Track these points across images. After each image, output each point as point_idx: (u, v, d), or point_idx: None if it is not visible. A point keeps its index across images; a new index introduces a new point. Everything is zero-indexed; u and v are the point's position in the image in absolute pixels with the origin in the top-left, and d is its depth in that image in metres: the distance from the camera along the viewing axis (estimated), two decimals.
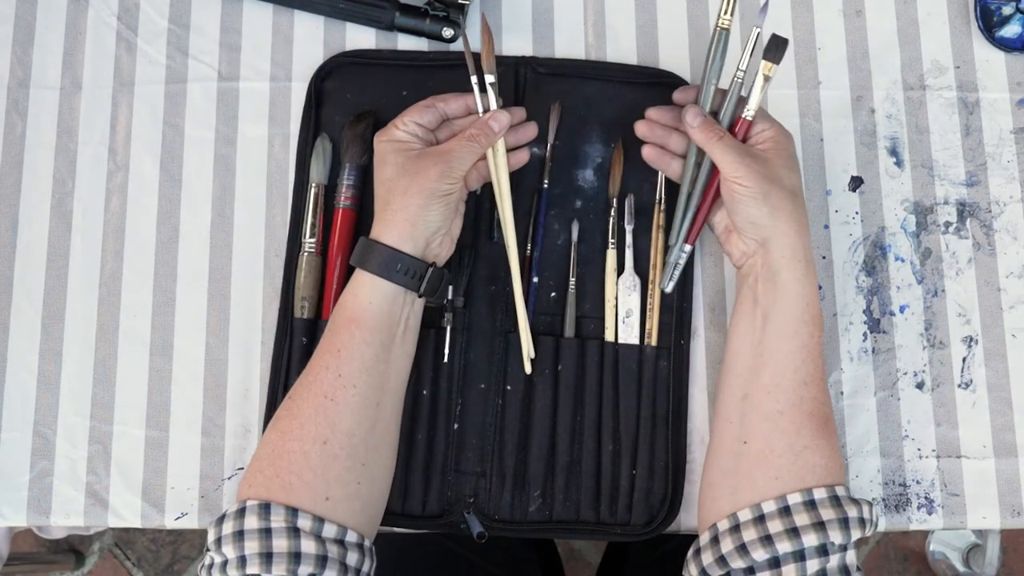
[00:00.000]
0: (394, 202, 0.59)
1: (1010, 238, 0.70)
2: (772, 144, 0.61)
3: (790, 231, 0.59)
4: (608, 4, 0.73)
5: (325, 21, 0.72)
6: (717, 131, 0.61)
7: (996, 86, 0.72)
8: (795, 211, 0.60)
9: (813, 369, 0.58)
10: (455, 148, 0.60)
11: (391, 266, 0.58)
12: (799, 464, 0.56)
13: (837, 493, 0.55)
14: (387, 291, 0.59)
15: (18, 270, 0.69)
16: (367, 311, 0.58)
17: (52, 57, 0.71)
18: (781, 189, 0.59)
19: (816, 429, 0.57)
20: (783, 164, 0.61)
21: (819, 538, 0.53)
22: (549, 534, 0.65)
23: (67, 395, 0.67)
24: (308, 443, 0.56)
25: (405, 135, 0.61)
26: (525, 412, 0.65)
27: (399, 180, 0.59)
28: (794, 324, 0.58)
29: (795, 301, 0.59)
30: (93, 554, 1.40)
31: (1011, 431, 0.67)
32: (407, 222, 0.59)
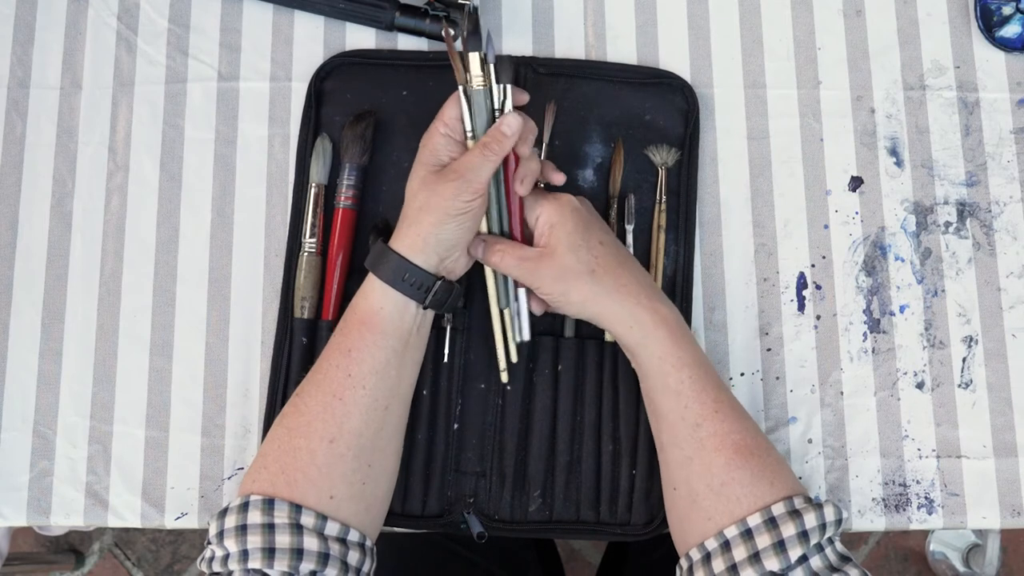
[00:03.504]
0: (411, 215, 0.59)
1: (1010, 238, 0.70)
2: (548, 230, 0.60)
3: (604, 309, 0.59)
4: (608, 4, 0.73)
5: (325, 21, 0.72)
6: (498, 251, 0.61)
7: (996, 86, 0.72)
8: (597, 287, 0.59)
9: (700, 408, 0.57)
10: (470, 162, 0.59)
11: (399, 275, 0.58)
12: (723, 501, 0.56)
13: (773, 514, 0.54)
14: (397, 299, 0.58)
15: (18, 270, 0.69)
16: (378, 315, 0.58)
17: (52, 57, 0.71)
18: (575, 277, 0.59)
19: (727, 463, 0.56)
20: (567, 249, 0.59)
21: (756, 571, 0.53)
22: (549, 534, 0.65)
23: (67, 395, 0.67)
24: (315, 441, 0.56)
25: (442, 141, 0.60)
26: (525, 412, 0.65)
27: (420, 194, 0.59)
28: (658, 378, 0.58)
29: (647, 361, 0.59)
30: (93, 554, 1.40)
31: (1011, 431, 0.67)
32: (419, 237, 0.58)
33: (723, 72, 0.72)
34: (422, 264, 0.58)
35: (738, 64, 0.72)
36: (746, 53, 0.72)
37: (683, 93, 0.70)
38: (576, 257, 0.59)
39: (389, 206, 0.68)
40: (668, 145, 0.68)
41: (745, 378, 0.67)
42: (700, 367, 0.58)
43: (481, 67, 0.60)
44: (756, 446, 0.57)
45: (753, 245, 0.69)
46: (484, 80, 0.60)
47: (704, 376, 0.58)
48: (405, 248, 0.58)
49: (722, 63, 0.72)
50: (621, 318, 0.59)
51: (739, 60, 0.72)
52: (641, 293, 0.59)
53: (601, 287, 0.59)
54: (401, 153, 0.69)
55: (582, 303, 0.60)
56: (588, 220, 0.61)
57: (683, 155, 0.69)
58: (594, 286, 0.59)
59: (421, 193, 0.59)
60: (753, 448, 0.57)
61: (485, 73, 0.60)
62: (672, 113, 0.70)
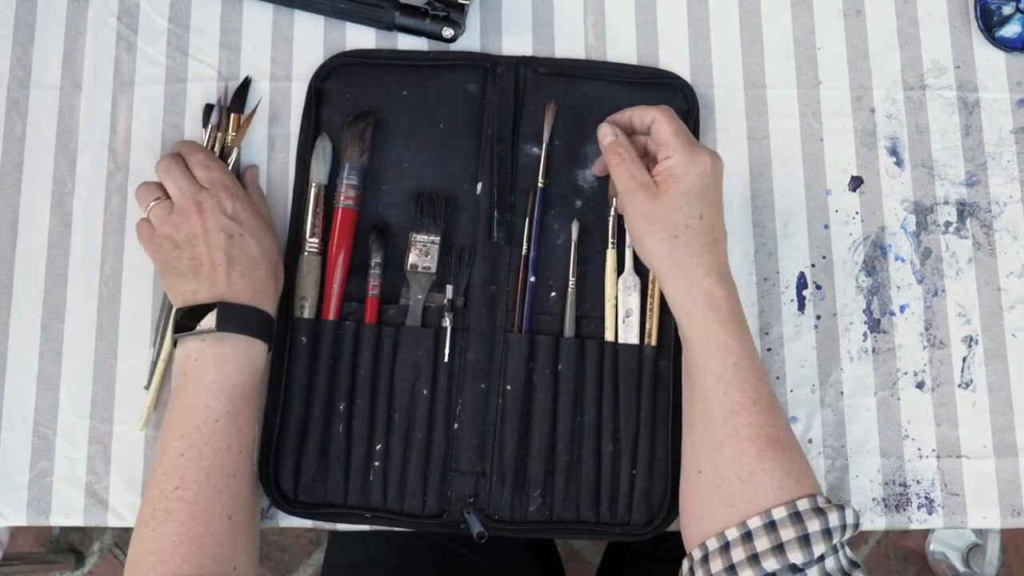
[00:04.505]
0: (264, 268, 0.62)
1: (1010, 238, 0.70)
2: (666, 177, 0.59)
3: (666, 273, 0.60)
4: (608, 4, 0.73)
5: (325, 21, 0.72)
6: (619, 153, 0.61)
7: (996, 86, 0.72)
8: (672, 252, 0.59)
9: (739, 397, 0.57)
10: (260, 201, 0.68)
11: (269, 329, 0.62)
12: (750, 490, 0.55)
13: (799, 508, 0.54)
14: (263, 353, 0.62)
15: (18, 270, 0.69)
16: (257, 379, 0.61)
17: (52, 57, 0.71)
18: (659, 230, 0.59)
19: (759, 453, 0.56)
20: (670, 200, 0.59)
21: (779, 561, 0.53)
22: (549, 534, 0.65)
23: (67, 395, 0.67)
24: (215, 523, 0.57)
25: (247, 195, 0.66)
26: (525, 412, 0.65)
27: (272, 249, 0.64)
28: (701, 359, 0.58)
29: (693, 339, 0.59)
30: (93, 554, 1.40)
31: (1011, 431, 0.67)
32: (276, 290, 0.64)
33: (723, 72, 0.72)
34: (271, 310, 0.63)
35: (738, 64, 0.72)
36: (746, 53, 0.72)
37: (683, 93, 0.70)
38: (672, 216, 0.59)
39: (389, 206, 0.68)
40: None
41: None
42: (746, 357, 0.58)
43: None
44: (788, 441, 0.57)
45: (753, 245, 0.69)
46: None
47: (749, 366, 0.58)
48: (261, 302, 0.62)
49: (722, 63, 0.72)
50: (677, 289, 0.59)
51: (739, 60, 0.72)
52: (707, 275, 0.59)
53: (673, 254, 0.59)
54: (401, 153, 0.69)
55: (650, 254, 0.60)
56: (704, 190, 0.59)
57: None
58: (669, 250, 0.59)
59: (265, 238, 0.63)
60: (785, 443, 0.57)
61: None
62: None
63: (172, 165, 0.64)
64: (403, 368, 0.65)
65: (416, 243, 0.66)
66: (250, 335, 0.60)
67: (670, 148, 0.60)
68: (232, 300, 0.60)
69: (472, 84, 0.70)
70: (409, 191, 0.68)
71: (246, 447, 0.59)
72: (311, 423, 0.64)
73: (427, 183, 0.68)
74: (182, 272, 0.61)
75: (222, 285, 0.60)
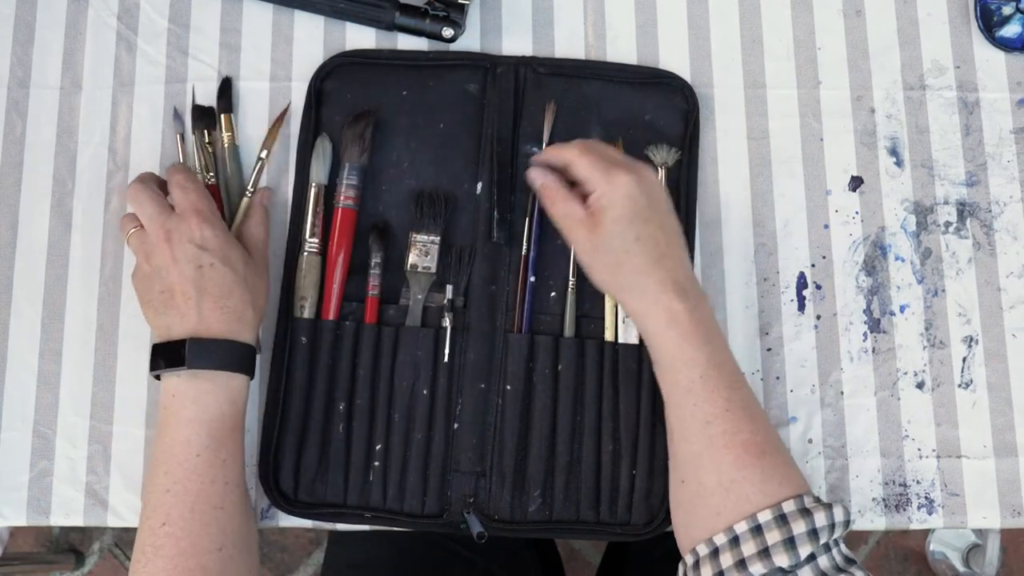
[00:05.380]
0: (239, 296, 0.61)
1: (1010, 238, 0.70)
2: (595, 209, 0.59)
3: (621, 297, 0.61)
4: (608, 4, 0.73)
5: (325, 21, 0.72)
6: (550, 196, 0.62)
7: (996, 86, 0.72)
8: (619, 279, 0.59)
9: (710, 407, 0.57)
10: (256, 229, 0.65)
11: (248, 362, 0.61)
12: (732, 498, 0.55)
13: (784, 511, 0.54)
14: (246, 384, 0.61)
15: (18, 270, 0.69)
16: (241, 412, 0.60)
17: (52, 57, 0.71)
18: (602, 261, 0.60)
19: (736, 460, 0.56)
20: (606, 231, 0.59)
21: (765, 565, 0.53)
22: (549, 534, 0.65)
23: (67, 395, 0.67)
24: (204, 556, 0.56)
25: (223, 222, 0.63)
26: (525, 412, 0.65)
27: (249, 277, 0.62)
28: (669, 374, 0.59)
29: (659, 356, 0.59)
30: (93, 554, 1.40)
31: (1011, 431, 0.67)
32: (256, 317, 0.62)
33: (723, 72, 0.72)
34: (250, 340, 0.61)
35: (738, 64, 0.72)
36: (746, 53, 0.72)
37: (683, 93, 0.70)
38: (610, 244, 0.59)
39: (389, 206, 0.68)
40: (668, 145, 0.68)
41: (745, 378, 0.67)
42: (714, 367, 0.58)
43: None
44: (767, 445, 0.57)
45: (753, 245, 0.69)
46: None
47: (717, 376, 0.58)
48: (237, 332, 0.60)
49: (722, 63, 0.72)
50: (635, 312, 0.60)
51: (739, 60, 0.72)
52: (662, 293, 0.58)
53: (620, 281, 0.60)
54: (401, 153, 0.69)
55: (602, 283, 0.61)
56: (635, 211, 0.59)
57: (683, 155, 0.69)
58: (615, 278, 0.60)
59: (239, 264, 0.61)
60: (764, 447, 0.57)
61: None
62: (672, 113, 0.70)
63: (140, 192, 0.62)
64: (403, 368, 0.65)
65: (416, 243, 0.66)
66: (225, 370, 0.59)
67: (590, 182, 0.60)
68: (204, 334, 0.58)
69: (472, 84, 0.70)
70: (409, 191, 0.68)
71: (232, 478, 0.59)
72: (311, 423, 0.64)
73: (427, 183, 0.68)
74: (155, 305, 0.60)
75: (193, 319, 0.58)
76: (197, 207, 0.61)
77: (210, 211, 0.61)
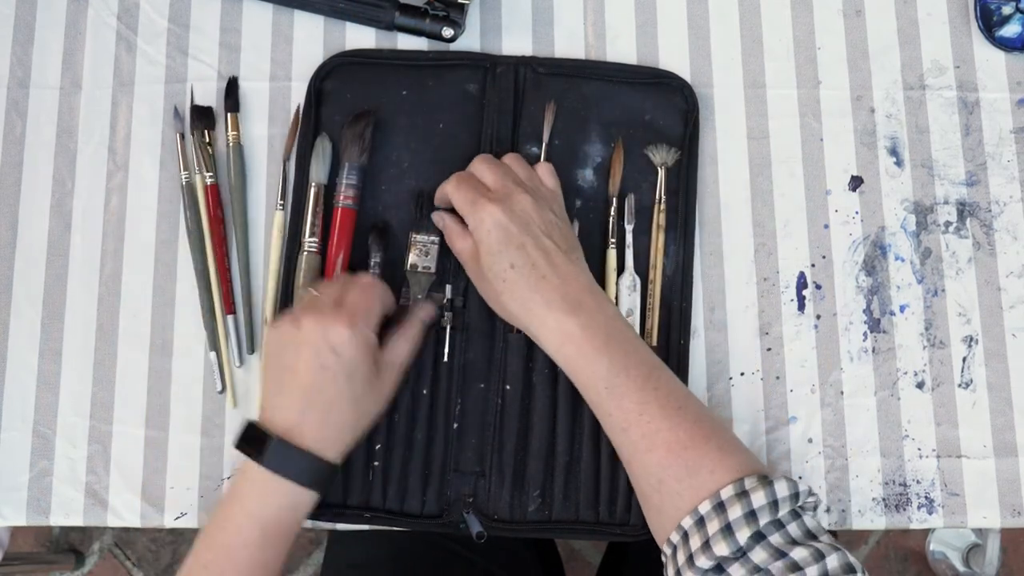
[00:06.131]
0: (358, 423, 0.59)
1: (1010, 238, 0.70)
2: (475, 239, 0.61)
3: (518, 323, 0.61)
4: (608, 4, 0.73)
5: (325, 21, 0.72)
6: (450, 237, 0.64)
7: (996, 86, 0.72)
8: (506, 307, 0.61)
9: (623, 414, 0.57)
10: (403, 353, 0.62)
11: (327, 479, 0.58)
12: (666, 497, 0.56)
13: (722, 498, 0.54)
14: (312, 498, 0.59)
15: (18, 270, 0.69)
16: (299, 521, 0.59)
17: (52, 57, 0.71)
18: (489, 292, 0.61)
19: (659, 461, 0.56)
20: (483, 263, 0.60)
21: (708, 557, 0.52)
22: (548, 534, 0.65)
23: (67, 395, 0.67)
24: None
25: (374, 337, 0.60)
26: (524, 412, 0.65)
27: (366, 402, 0.60)
28: (581, 389, 0.60)
29: (566, 372, 0.60)
30: (93, 554, 1.40)
31: (1011, 431, 0.67)
32: (359, 436, 0.60)
33: (723, 72, 0.72)
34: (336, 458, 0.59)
35: (738, 64, 0.72)
36: (746, 53, 0.72)
37: (683, 93, 0.70)
38: (489, 274, 0.60)
39: (389, 205, 0.68)
40: (668, 145, 0.68)
41: (745, 378, 0.67)
42: (617, 374, 0.57)
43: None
44: (690, 439, 0.56)
45: (753, 245, 0.69)
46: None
47: (624, 382, 0.57)
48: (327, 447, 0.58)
49: (722, 63, 0.72)
50: (533, 335, 0.61)
51: (739, 60, 0.72)
52: (549, 313, 0.59)
53: (508, 308, 0.61)
54: (401, 152, 0.69)
55: (499, 312, 0.63)
56: (503, 240, 0.59)
57: (683, 155, 0.69)
58: (502, 305, 0.61)
59: (366, 398, 0.59)
60: (686, 442, 0.56)
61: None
62: (672, 113, 0.70)
63: (333, 281, 0.63)
64: None
65: (416, 243, 0.66)
66: (299, 483, 0.57)
67: (464, 217, 0.61)
68: (295, 439, 0.56)
69: (472, 84, 0.70)
70: (409, 191, 0.68)
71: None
72: None
73: (427, 183, 0.68)
74: (274, 376, 0.59)
75: (293, 417, 0.57)
76: (352, 308, 0.58)
77: (364, 317, 0.59)
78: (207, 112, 0.69)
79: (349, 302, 0.59)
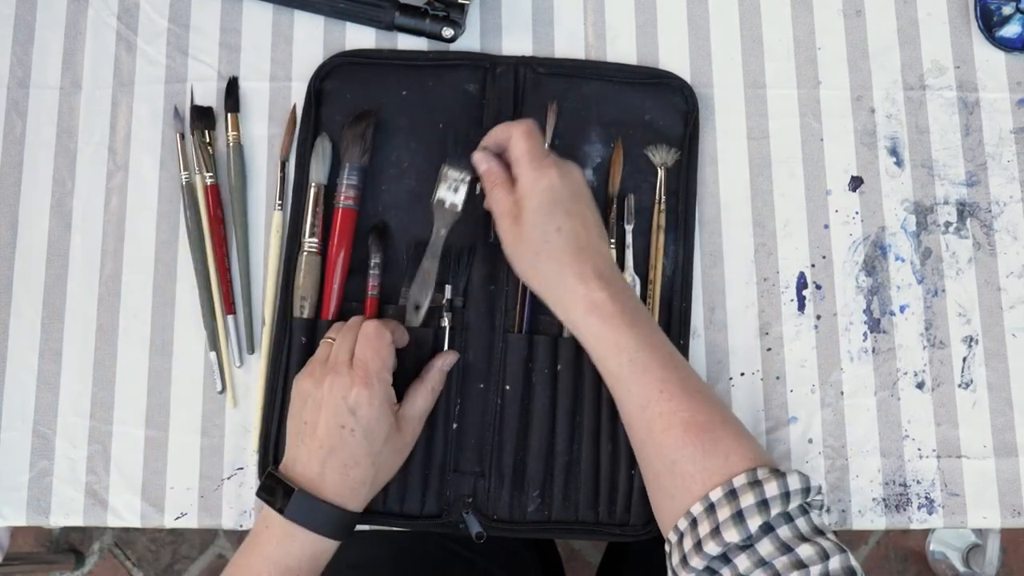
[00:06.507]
0: (377, 478, 0.60)
1: (1010, 238, 0.70)
2: (519, 198, 0.60)
3: (541, 289, 0.60)
4: (608, 4, 0.73)
5: (325, 21, 0.72)
6: (490, 181, 0.62)
7: (996, 86, 0.72)
8: (538, 269, 0.60)
9: (643, 391, 0.57)
10: (423, 406, 0.62)
11: (347, 529, 0.59)
12: (678, 480, 0.55)
13: (734, 486, 0.54)
14: (332, 547, 0.59)
15: (18, 270, 0.69)
16: (319, 568, 0.59)
17: (52, 57, 0.71)
18: (523, 251, 0.60)
19: (675, 442, 0.56)
20: (527, 220, 0.59)
21: (718, 544, 0.52)
22: (548, 534, 0.65)
23: (67, 395, 0.67)
24: None
25: (392, 390, 0.60)
26: (524, 412, 0.65)
27: (385, 457, 0.60)
28: (600, 363, 0.59)
29: (586, 347, 0.60)
30: (93, 554, 1.40)
31: (1011, 431, 0.67)
32: (364, 487, 0.59)
33: (723, 72, 0.72)
34: (357, 509, 0.59)
35: (738, 64, 0.72)
36: (746, 53, 0.72)
37: (683, 93, 0.70)
38: (530, 234, 0.59)
39: (389, 206, 0.68)
40: (668, 145, 0.68)
41: (745, 378, 0.67)
42: (642, 349, 0.58)
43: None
44: (708, 422, 0.56)
45: (753, 245, 0.69)
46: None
47: (648, 358, 0.57)
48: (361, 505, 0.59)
49: (722, 63, 0.72)
50: (555, 302, 0.60)
51: (739, 60, 0.72)
52: (581, 283, 0.58)
53: (539, 269, 0.60)
54: (401, 153, 0.69)
55: (522, 275, 0.61)
56: (556, 203, 0.59)
57: (683, 155, 0.69)
58: (534, 266, 0.60)
59: (386, 453, 0.59)
60: (704, 424, 0.56)
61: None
62: (672, 113, 0.70)
63: (349, 326, 0.62)
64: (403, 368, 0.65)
65: (447, 177, 0.64)
66: (320, 533, 0.57)
67: (518, 166, 0.60)
68: (316, 491, 0.57)
69: (472, 84, 0.70)
70: (409, 191, 0.68)
71: None
72: None
73: (427, 183, 0.68)
74: (297, 430, 0.59)
75: (315, 469, 0.58)
76: (367, 367, 0.58)
77: (378, 374, 0.59)
78: (207, 112, 0.69)
79: (362, 359, 0.59)
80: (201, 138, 0.69)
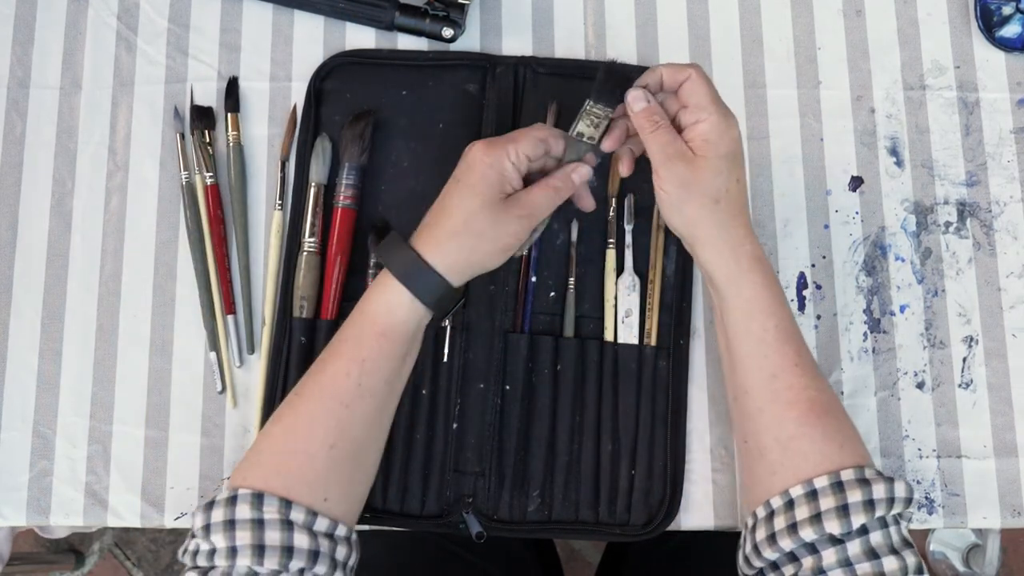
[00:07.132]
0: (460, 234, 0.57)
1: (1010, 238, 0.70)
2: (701, 143, 0.57)
3: (710, 237, 0.58)
4: (608, 4, 0.73)
5: (325, 21, 0.72)
6: (654, 120, 0.58)
7: (996, 86, 0.72)
8: (715, 216, 0.57)
9: (780, 360, 0.57)
10: (539, 201, 0.58)
11: (434, 294, 0.57)
12: (789, 456, 0.55)
13: (842, 478, 0.53)
14: (422, 312, 0.58)
15: (18, 270, 0.69)
16: (400, 328, 0.57)
17: (52, 57, 0.71)
18: (700, 196, 0.57)
19: (799, 417, 0.55)
20: (709, 166, 0.57)
21: (815, 531, 0.52)
22: (548, 534, 0.65)
23: (67, 395, 0.67)
24: (315, 445, 0.55)
25: (512, 169, 0.57)
26: (524, 412, 0.65)
27: (479, 221, 0.57)
28: (742, 322, 0.58)
29: (734, 301, 0.58)
30: (93, 554, 1.40)
31: (1011, 431, 0.67)
32: (462, 259, 0.57)
33: (723, 72, 0.72)
34: (455, 283, 0.58)
35: (738, 64, 0.72)
36: (746, 53, 0.72)
37: None
38: (712, 181, 0.57)
39: (388, 205, 0.68)
40: None
41: None
42: (787, 319, 0.58)
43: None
44: (832, 407, 0.56)
45: None
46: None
47: (790, 328, 0.57)
48: (445, 268, 0.57)
49: (722, 63, 0.72)
50: (721, 251, 0.58)
51: (739, 60, 0.72)
52: (747, 238, 0.58)
53: (716, 218, 0.58)
54: (400, 153, 0.69)
55: (691, 221, 0.58)
56: (737, 154, 0.58)
57: None
58: (712, 214, 0.57)
59: (481, 218, 0.56)
60: (828, 407, 0.56)
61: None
62: None
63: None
64: None
65: (590, 112, 0.60)
66: (391, 272, 0.57)
67: (705, 111, 0.57)
68: (414, 240, 0.57)
69: (471, 84, 0.70)
70: (409, 191, 0.68)
71: (367, 384, 0.56)
72: None
73: (427, 183, 0.68)
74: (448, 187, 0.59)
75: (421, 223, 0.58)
76: (505, 138, 0.58)
77: (506, 144, 0.57)
78: (207, 112, 0.69)
79: (508, 134, 0.58)
80: (201, 138, 0.69)
